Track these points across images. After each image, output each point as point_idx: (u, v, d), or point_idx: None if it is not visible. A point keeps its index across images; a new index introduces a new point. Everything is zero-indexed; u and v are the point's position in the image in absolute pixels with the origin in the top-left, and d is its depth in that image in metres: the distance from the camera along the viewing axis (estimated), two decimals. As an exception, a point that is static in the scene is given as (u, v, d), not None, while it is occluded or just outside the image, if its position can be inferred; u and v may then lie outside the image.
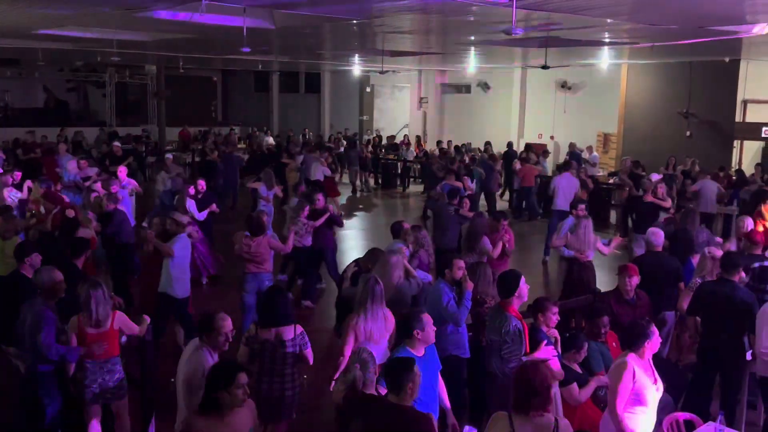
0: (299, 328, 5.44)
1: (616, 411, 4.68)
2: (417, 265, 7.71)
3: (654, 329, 4.86)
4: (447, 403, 5.41)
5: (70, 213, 7.94)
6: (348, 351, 5.52)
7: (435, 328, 5.10)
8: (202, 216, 11.12)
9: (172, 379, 6.03)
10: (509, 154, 20.20)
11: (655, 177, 13.75)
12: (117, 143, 18.37)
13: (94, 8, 10.90)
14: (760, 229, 10.41)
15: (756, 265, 7.13)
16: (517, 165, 18.11)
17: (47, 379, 5.59)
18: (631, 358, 4.76)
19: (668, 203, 11.63)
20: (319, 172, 16.56)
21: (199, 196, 11.44)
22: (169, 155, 18.16)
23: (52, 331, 5.48)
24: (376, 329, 5.61)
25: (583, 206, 9.52)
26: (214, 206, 11.55)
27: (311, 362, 5.54)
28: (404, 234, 8.14)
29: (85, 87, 32.05)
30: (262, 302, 5.80)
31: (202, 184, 11.78)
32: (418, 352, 4.97)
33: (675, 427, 5.30)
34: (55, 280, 5.71)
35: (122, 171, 12.59)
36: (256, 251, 8.23)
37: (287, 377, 5.40)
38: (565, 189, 13.21)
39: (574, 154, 19.57)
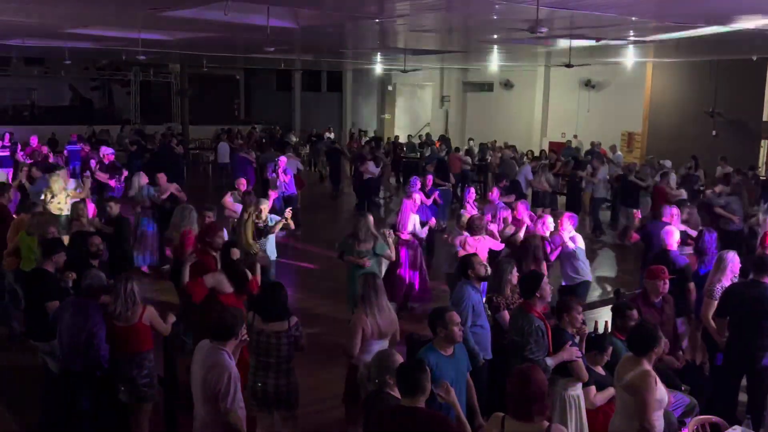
0: (294, 320, 5.39)
1: (652, 422, 4.54)
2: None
3: (661, 333, 4.77)
4: (476, 403, 5.36)
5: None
6: (356, 350, 5.48)
7: (461, 328, 5.01)
8: (423, 233, 9.97)
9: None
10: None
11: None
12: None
13: (122, 9, 11.01)
14: None
15: None
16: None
17: (86, 379, 5.60)
18: (647, 365, 4.66)
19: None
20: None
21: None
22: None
23: (103, 336, 5.58)
24: (383, 324, 5.54)
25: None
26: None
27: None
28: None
29: (110, 85, 32.37)
30: (263, 296, 5.74)
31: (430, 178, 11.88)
32: (446, 351, 4.95)
33: (701, 430, 5.23)
34: (104, 283, 5.83)
35: None
36: None
37: (281, 371, 5.35)
38: None
39: (594, 152, 19.40)
